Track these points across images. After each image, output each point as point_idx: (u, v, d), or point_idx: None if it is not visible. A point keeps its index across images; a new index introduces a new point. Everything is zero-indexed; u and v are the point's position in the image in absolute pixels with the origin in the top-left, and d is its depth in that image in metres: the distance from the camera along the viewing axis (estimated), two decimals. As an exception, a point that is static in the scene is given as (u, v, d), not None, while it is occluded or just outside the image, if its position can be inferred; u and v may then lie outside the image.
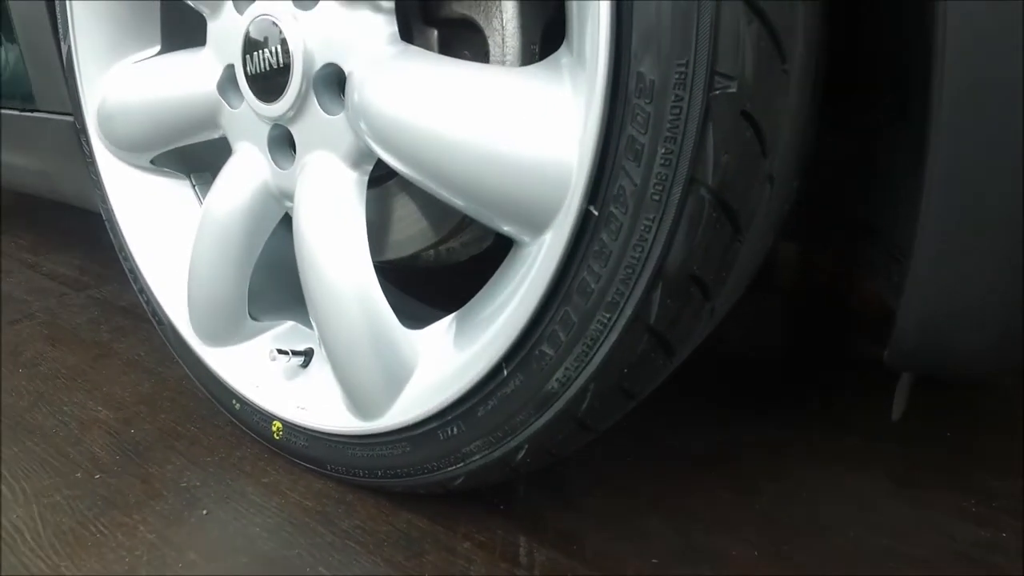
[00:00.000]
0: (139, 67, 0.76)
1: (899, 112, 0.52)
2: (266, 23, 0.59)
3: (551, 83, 0.46)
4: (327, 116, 0.58)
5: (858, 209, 0.67)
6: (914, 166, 0.51)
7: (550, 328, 0.47)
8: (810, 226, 0.82)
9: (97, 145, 0.81)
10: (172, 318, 0.78)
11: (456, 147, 0.48)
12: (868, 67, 0.55)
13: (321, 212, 0.59)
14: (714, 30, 0.37)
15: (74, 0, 0.76)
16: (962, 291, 0.42)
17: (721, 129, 0.39)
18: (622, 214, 0.42)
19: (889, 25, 0.50)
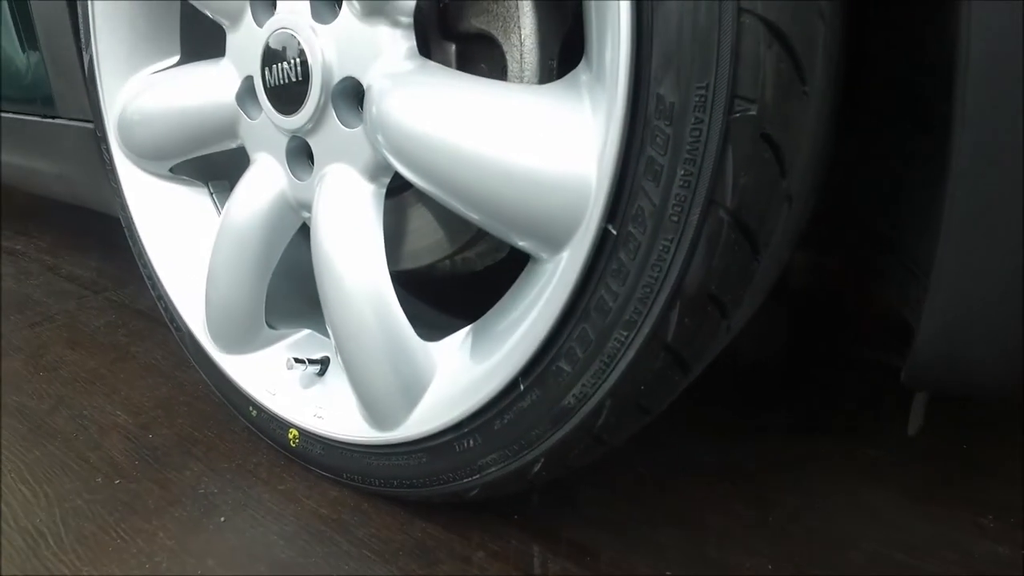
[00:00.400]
0: (159, 77, 0.77)
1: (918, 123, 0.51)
2: (285, 36, 0.59)
3: (569, 101, 0.46)
4: (345, 129, 0.58)
5: (872, 218, 0.67)
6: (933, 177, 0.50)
7: (567, 344, 0.48)
8: (820, 231, 0.82)
9: (117, 153, 0.82)
10: (190, 325, 0.79)
11: (474, 164, 0.48)
12: (886, 78, 0.55)
13: (339, 224, 0.59)
14: (734, 53, 0.38)
15: (96, 11, 0.77)
16: (985, 309, 0.42)
17: (741, 151, 0.39)
18: (641, 234, 0.42)
19: (910, 35, 0.50)
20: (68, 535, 0.64)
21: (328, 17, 0.57)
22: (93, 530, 0.65)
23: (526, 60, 0.53)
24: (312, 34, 0.57)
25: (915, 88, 0.52)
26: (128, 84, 0.79)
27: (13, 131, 1.16)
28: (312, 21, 0.58)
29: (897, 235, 0.60)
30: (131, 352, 1.02)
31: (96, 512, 0.67)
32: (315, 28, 0.58)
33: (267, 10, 0.63)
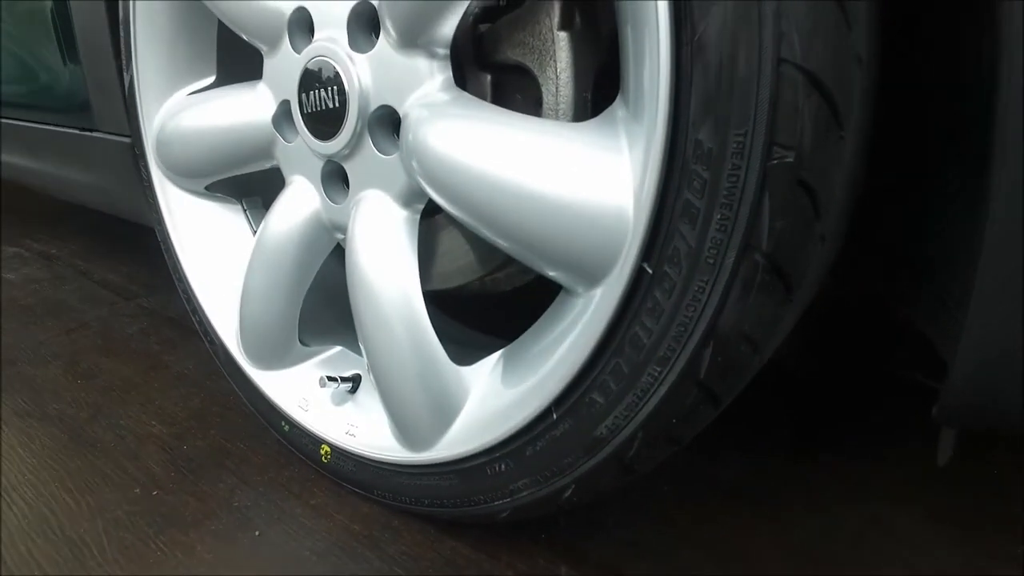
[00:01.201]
0: (197, 98, 0.79)
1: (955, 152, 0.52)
2: (323, 63, 0.60)
3: (605, 138, 0.47)
4: (381, 156, 0.59)
5: (902, 245, 0.67)
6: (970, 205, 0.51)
7: (601, 377, 0.49)
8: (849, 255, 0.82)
9: (154, 170, 0.84)
10: (223, 339, 0.81)
11: (510, 199, 0.49)
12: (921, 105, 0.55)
13: (374, 251, 0.60)
14: (773, 102, 0.38)
15: (138, 34, 0.79)
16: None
17: (777, 197, 0.40)
18: (677, 274, 0.43)
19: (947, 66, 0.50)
20: (111, 546, 0.66)
21: (365, 46, 0.59)
22: (134, 541, 0.67)
23: (561, 93, 0.53)
24: (349, 62, 0.59)
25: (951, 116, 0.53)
26: (166, 104, 0.81)
27: (50, 142, 1.19)
28: (349, 49, 0.59)
29: (929, 264, 0.60)
30: (163, 361, 1.05)
31: (136, 524, 0.69)
32: (352, 56, 0.59)
33: (305, 37, 0.64)
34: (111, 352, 1.08)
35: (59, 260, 1.56)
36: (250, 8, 0.67)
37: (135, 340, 1.13)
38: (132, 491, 0.74)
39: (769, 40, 0.38)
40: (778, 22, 0.37)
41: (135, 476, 0.77)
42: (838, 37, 0.39)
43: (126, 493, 0.74)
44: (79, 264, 1.53)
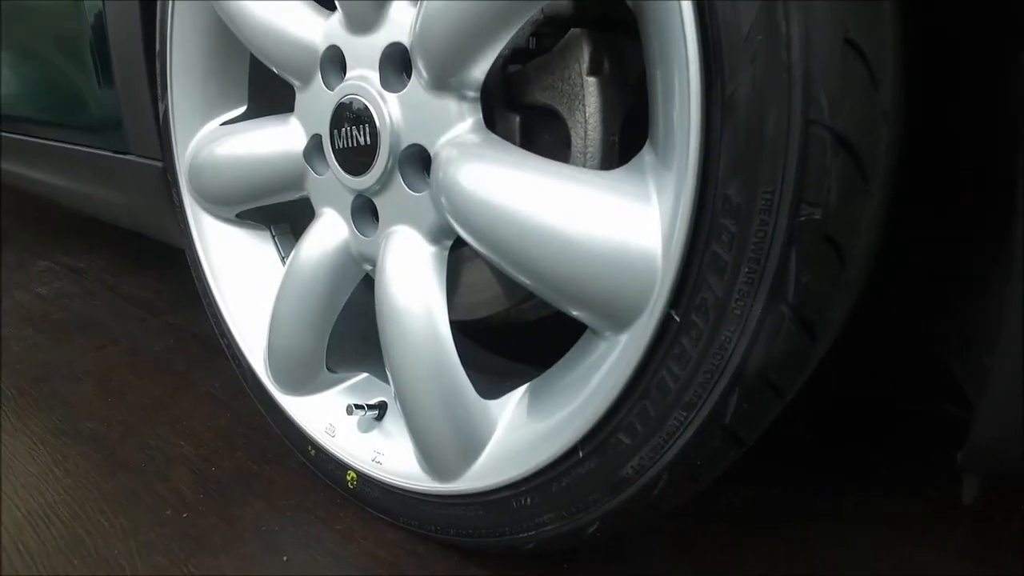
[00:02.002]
0: (230, 128, 0.81)
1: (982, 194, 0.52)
2: (355, 101, 0.62)
3: (634, 185, 0.48)
4: (411, 192, 0.61)
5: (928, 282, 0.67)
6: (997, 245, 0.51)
7: (628, 419, 0.50)
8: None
9: (187, 197, 0.86)
10: (251, 363, 0.83)
11: (538, 244, 0.50)
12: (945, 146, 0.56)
13: (402, 286, 0.62)
14: (801, 160, 0.39)
15: (174, 66, 0.81)
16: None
17: (804, 252, 0.41)
18: (704, 323, 0.44)
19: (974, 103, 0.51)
20: (144, 568, 0.68)
21: (397, 86, 0.60)
22: (165, 564, 0.68)
23: (590, 137, 0.54)
24: (381, 101, 0.60)
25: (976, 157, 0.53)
26: (200, 134, 0.83)
27: (84, 162, 1.22)
28: (381, 88, 0.61)
29: (955, 302, 0.61)
30: (190, 379, 1.07)
31: (168, 546, 0.71)
32: (384, 95, 0.60)
33: (337, 74, 0.66)
34: (140, 370, 1.11)
35: (88, 274, 1.59)
36: (284, 45, 0.69)
37: (163, 358, 1.15)
38: (163, 513, 0.76)
39: (798, 101, 0.38)
40: (807, 84, 0.38)
41: (166, 497, 0.79)
42: (866, 97, 0.39)
43: (157, 515, 0.76)
44: (107, 279, 1.56)
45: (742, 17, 0.39)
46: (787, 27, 0.38)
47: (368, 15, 0.61)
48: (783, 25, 0.38)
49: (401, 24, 0.59)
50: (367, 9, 0.60)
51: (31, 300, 1.43)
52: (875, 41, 0.39)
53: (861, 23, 0.38)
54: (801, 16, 0.38)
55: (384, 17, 0.60)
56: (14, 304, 1.41)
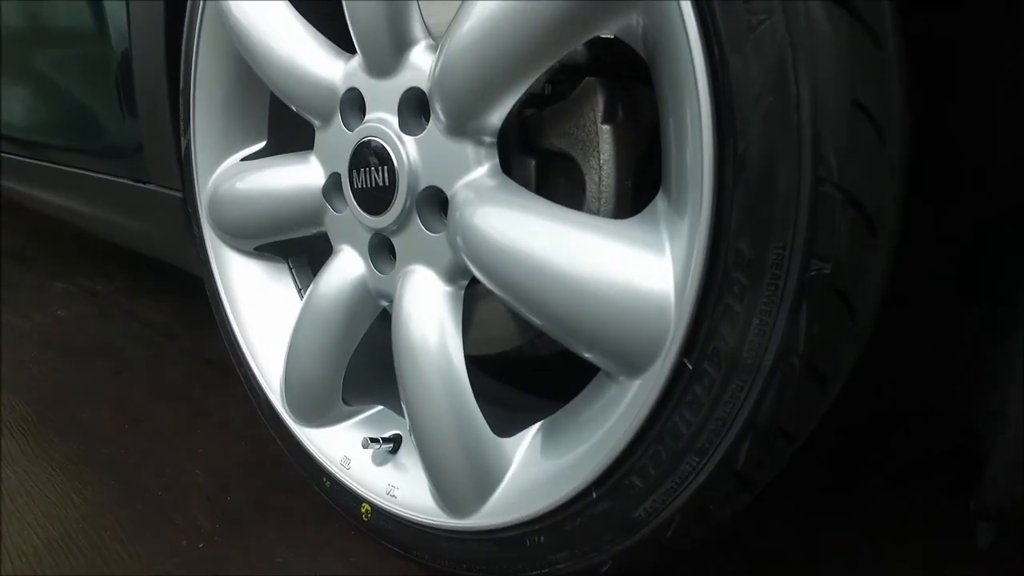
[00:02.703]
0: (250, 164, 0.83)
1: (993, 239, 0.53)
2: (374, 143, 0.64)
3: (648, 234, 0.49)
4: (428, 233, 0.62)
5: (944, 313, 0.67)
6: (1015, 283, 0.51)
7: (641, 462, 0.50)
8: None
9: (207, 229, 0.88)
10: (268, 393, 0.84)
11: (553, 291, 0.51)
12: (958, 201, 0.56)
13: (418, 325, 0.63)
14: (812, 217, 0.40)
15: (197, 103, 0.83)
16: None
17: (814, 305, 0.41)
18: (716, 372, 0.45)
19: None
20: (159, 600, 0.69)
21: (415, 129, 0.62)
22: (181, 595, 0.69)
23: (604, 183, 0.56)
24: (399, 143, 0.62)
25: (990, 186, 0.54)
26: (220, 168, 0.85)
27: (105, 190, 1.25)
28: (399, 131, 0.62)
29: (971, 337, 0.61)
30: (207, 407, 1.08)
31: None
32: (402, 138, 0.62)
33: (356, 116, 0.67)
34: (157, 396, 1.12)
35: (105, 297, 1.62)
36: (305, 85, 0.71)
37: (180, 384, 1.17)
38: (179, 543, 0.77)
39: (808, 160, 0.40)
40: (816, 144, 0.39)
41: (182, 527, 0.80)
42: (873, 154, 0.40)
43: (174, 545, 0.77)
44: (124, 301, 1.58)
45: (754, 77, 0.40)
46: (797, 89, 0.39)
47: (387, 60, 0.62)
48: (793, 87, 0.39)
49: (420, 70, 0.60)
50: (387, 55, 0.62)
51: (50, 323, 1.45)
52: (882, 101, 0.40)
53: (868, 85, 0.40)
54: (811, 79, 0.39)
55: (403, 63, 0.62)
56: (34, 327, 1.43)
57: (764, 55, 0.40)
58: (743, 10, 0.40)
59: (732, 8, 0.40)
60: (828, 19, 0.39)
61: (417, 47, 0.61)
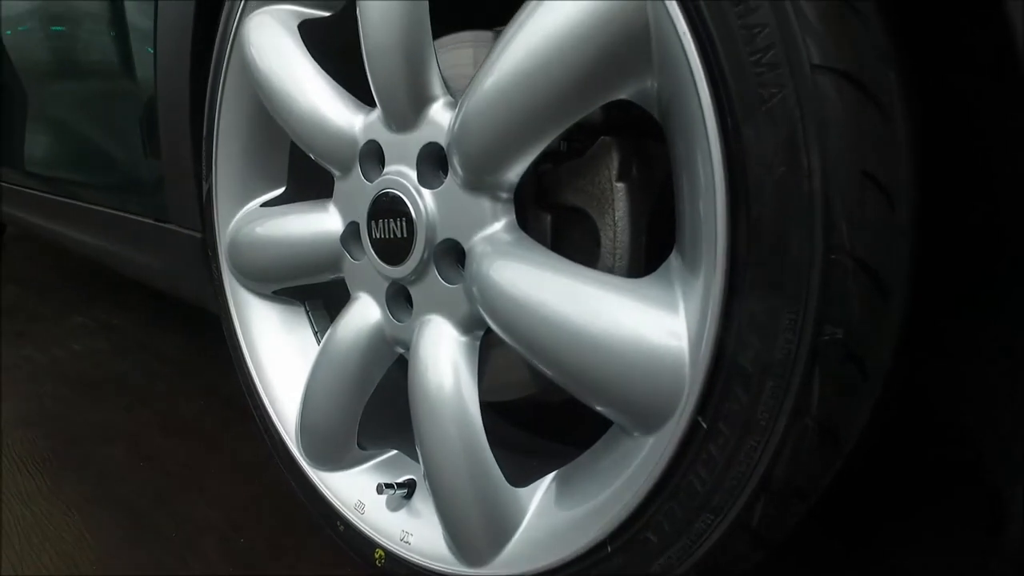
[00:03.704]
0: (270, 211, 0.85)
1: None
2: (393, 196, 0.65)
3: (662, 292, 0.50)
4: (445, 284, 0.63)
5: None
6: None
7: (656, 518, 0.51)
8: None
9: (226, 272, 0.90)
10: (283, 436, 0.85)
11: (568, 347, 0.52)
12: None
13: (435, 375, 0.64)
14: (824, 284, 0.41)
15: (219, 149, 0.85)
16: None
17: (827, 369, 0.42)
18: (730, 432, 0.46)
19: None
20: (173, 646, 0.69)
21: (434, 183, 0.63)
22: (194, 641, 0.70)
23: (619, 239, 0.57)
24: (417, 197, 0.63)
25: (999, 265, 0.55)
26: (241, 213, 0.87)
27: (124, 227, 1.27)
28: (418, 184, 0.64)
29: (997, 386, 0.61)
30: (220, 444, 1.09)
31: (197, 622, 0.72)
32: (420, 191, 0.63)
33: (375, 167, 0.69)
34: (171, 433, 1.13)
35: (120, 330, 1.64)
36: (325, 137, 0.73)
37: (194, 421, 1.18)
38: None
39: (819, 229, 0.41)
40: (827, 213, 0.40)
41: (195, 569, 0.80)
42: (883, 222, 0.42)
43: (188, 588, 0.77)
44: (139, 335, 1.60)
45: (766, 147, 0.42)
46: (808, 159, 0.41)
47: (407, 115, 0.64)
48: (804, 158, 0.41)
49: (439, 125, 0.62)
50: (406, 110, 0.64)
51: (67, 357, 1.47)
52: (890, 170, 0.41)
53: (876, 156, 0.41)
54: (821, 150, 0.40)
55: (422, 118, 0.63)
56: (51, 360, 1.45)
57: (776, 127, 0.41)
58: (756, 84, 0.41)
59: (745, 82, 0.42)
60: (836, 93, 0.40)
61: (436, 104, 0.63)
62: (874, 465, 0.82)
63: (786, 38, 0.40)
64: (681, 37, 0.44)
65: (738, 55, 0.42)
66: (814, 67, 0.40)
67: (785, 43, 0.40)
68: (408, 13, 0.62)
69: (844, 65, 0.40)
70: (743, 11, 0.42)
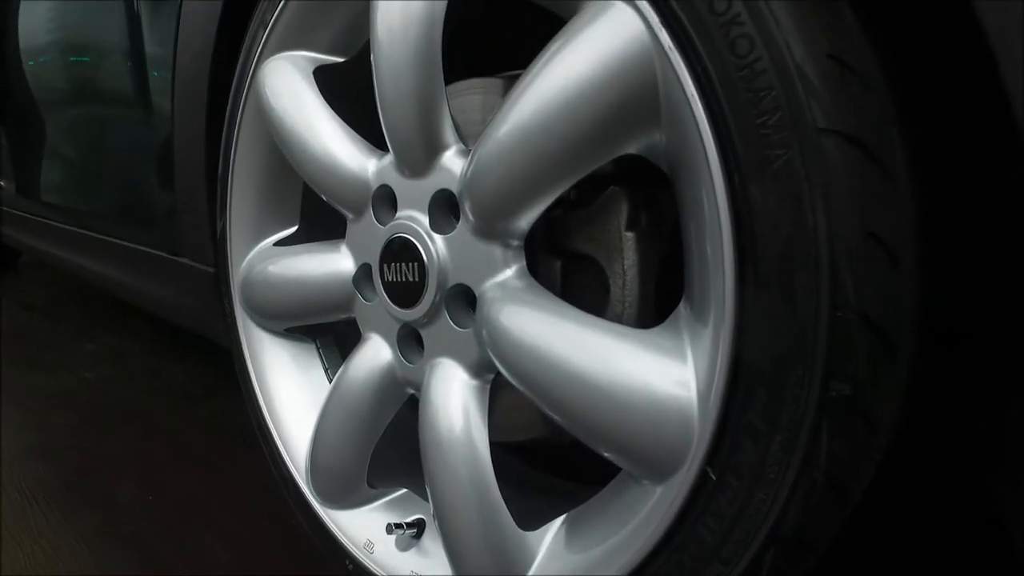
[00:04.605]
0: (283, 250, 0.86)
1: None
2: (405, 240, 0.66)
3: (670, 341, 0.51)
4: (456, 328, 0.64)
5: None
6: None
7: (665, 568, 0.51)
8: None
9: (238, 309, 0.91)
10: (293, 472, 0.85)
11: (577, 393, 0.53)
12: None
13: (445, 417, 0.64)
14: (831, 341, 0.42)
15: (234, 189, 0.87)
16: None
17: (835, 424, 0.43)
18: (739, 484, 0.46)
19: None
20: None
21: (445, 228, 0.64)
22: None
23: (628, 287, 0.58)
24: (429, 242, 0.64)
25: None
26: (254, 251, 0.89)
27: (137, 259, 1.29)
28: (430, 229, 0.65)
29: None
30: (229, 476, 1.10)
31: (206, 662, 0.72)
32: (432, 236, 0.65)
33: (388, 211, 0.71)
34: (180, 464, 1.14)
35: (131, 357, 1.65)
36: (338, 180, 0.75)
37: (202, 451, 1.18)
38: (202, 624, 0.78)
39: (825, 287, 0.41)
40: (833, 271, 0.41)
41: (204, 607, 0.80)
42: (889, 279, 0.42)
43: (196, 626, 0.77)
44: (150, 362, 1.62)
45: (772, 207, 0.43)
46: (814, 219, 0.42)
47: (419, 162, 0.66)
48: (810, 217, 0.42)
49: (451, 172, 0.64)
50: (419, 157, 0.66)
51: (78, 386, 1.48)
52: (894, 230, 0.42)
53: (880, 216, 0.42)
54: (826, 210, 0.41)
55: (435, 165, 0.65)
56: (62, 389, 1.47)
57: (782, 188, 0.42)
58: (762, 145, 0.42)
59: (752, 144, 0.43)
60: (841, 155, 0.41)
61: (448, 151, 0.64)
62: (885, 516, 0.82)
63: (791, 102, 0.42)
64: (689, 99, 0.45)
65: (745, 118, 0.43)
66: (819, 130, 0.41)
67: (790, 106, 0.42)
68: (421, 61, 0.63)
69: (848, 128, 0.41)
70: (749, 75, 0.43)
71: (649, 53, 0.48)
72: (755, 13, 0.42)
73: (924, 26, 0.48)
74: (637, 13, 0.48)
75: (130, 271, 1.36)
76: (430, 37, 0.63)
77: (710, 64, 0.44)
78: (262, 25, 0.81)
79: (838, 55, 0.42)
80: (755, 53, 0.43)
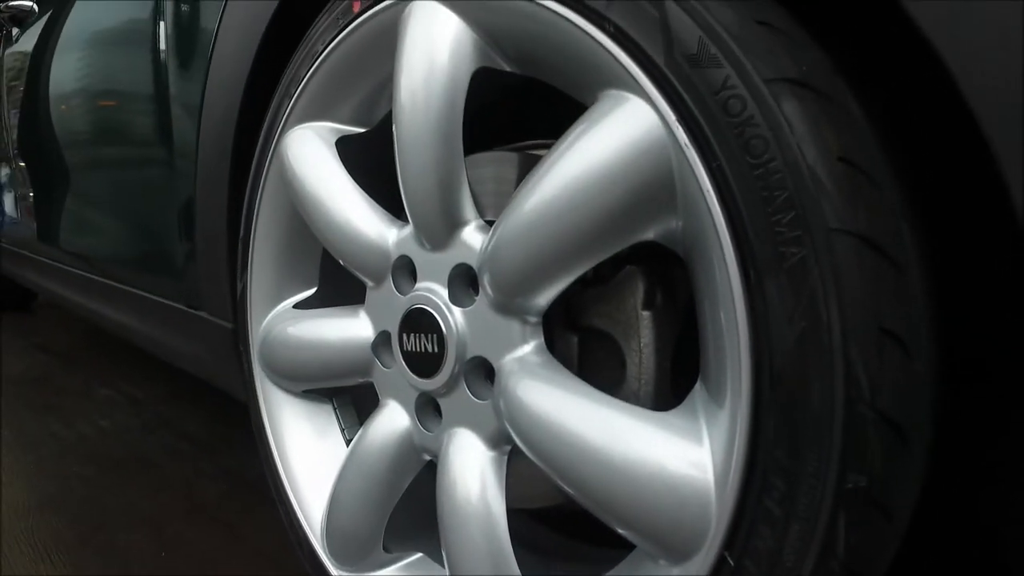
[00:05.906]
0: (302, 313, 0.88)
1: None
2: (424, 312, 0.68)
3: (687, 422, 0.52)
4: (474, 399, 0.65)
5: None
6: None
7: (684, 651, 0.51)
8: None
9: (256, 368, 0.92)
10: (308, 534, 0.86)
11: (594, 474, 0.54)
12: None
13: (463, 488, 0.65)
14: (846, 434, 0.43)
15: (255, 252, 0.89)
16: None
17: (852, 515, 0.43)
18: (757, 570, 0.47)
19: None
20: None
21: (465, 301, 0.66)
22: None
23: (644, 365, 0.59)
24: (448, 314, 0.66)
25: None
26: (273, 312, 0.90)
27: (155, 310, 1.31)
28: (449, 302, 0.67)
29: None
30: (243, 532, 1.10)
31: None
32: (451, 309, 0.66)
33: (408, 282, 0.72)
34: (194, 519, 1.14)
35: (146, 406, 1.66)
36: (358, 249, 0.76)
37: (217, 506, 1.19)
38: None
39: (840, 381, 0.43)
40: (848, 366, 0.42)
41: (218, 672, 0.80)
42: (903, 373, 0.43)
43: None
44: (165, 411, 1.63)
45: (787, 302, 0.44)
46: (828, 315, 0.43)
47: (439, 236, 0.67)
48: (824, 313, 0.43)
49: (471, 247, 0.65)
50: (439, 231, 0.67)
51: (94, 434, 1.50)
52: (908, 324, 0.43)
53: (893, 311, 0.43)
54: (840, 307, 0.43)
55: (454, 239, 0.67)
56: (78, 437, 1.48)
57: (797, 284, 0.43)
58: (777, 243, 0.44)
59: (767, 242, 0.44)
60: (853, 254, 0.43)
61: (468, 227, 0.66)
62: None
63: (804, 202, 0.43)
64: (705, 194, 0.47)
65: (760, 215, 0.44)
66: (831, 230, 0.43)
67: (804, 207, 0.43)
68: (442, 136, 0.65)
69: (859, 228, 0.43)
70: (764, 174, 0.45)
71: (666, 147, 0.50)
72: (769, 116, 0.44)
73: (929, 127, 0.50)
74: (654, 109, 0.50)
75: (148, 322, 1.38)
76: (452, 111, 0.64)
77: (725, 163, 0.46)
78: (287, 96, 0.84)
79: (849, 157, 0.44)
80: (769, 154, 0.44)
